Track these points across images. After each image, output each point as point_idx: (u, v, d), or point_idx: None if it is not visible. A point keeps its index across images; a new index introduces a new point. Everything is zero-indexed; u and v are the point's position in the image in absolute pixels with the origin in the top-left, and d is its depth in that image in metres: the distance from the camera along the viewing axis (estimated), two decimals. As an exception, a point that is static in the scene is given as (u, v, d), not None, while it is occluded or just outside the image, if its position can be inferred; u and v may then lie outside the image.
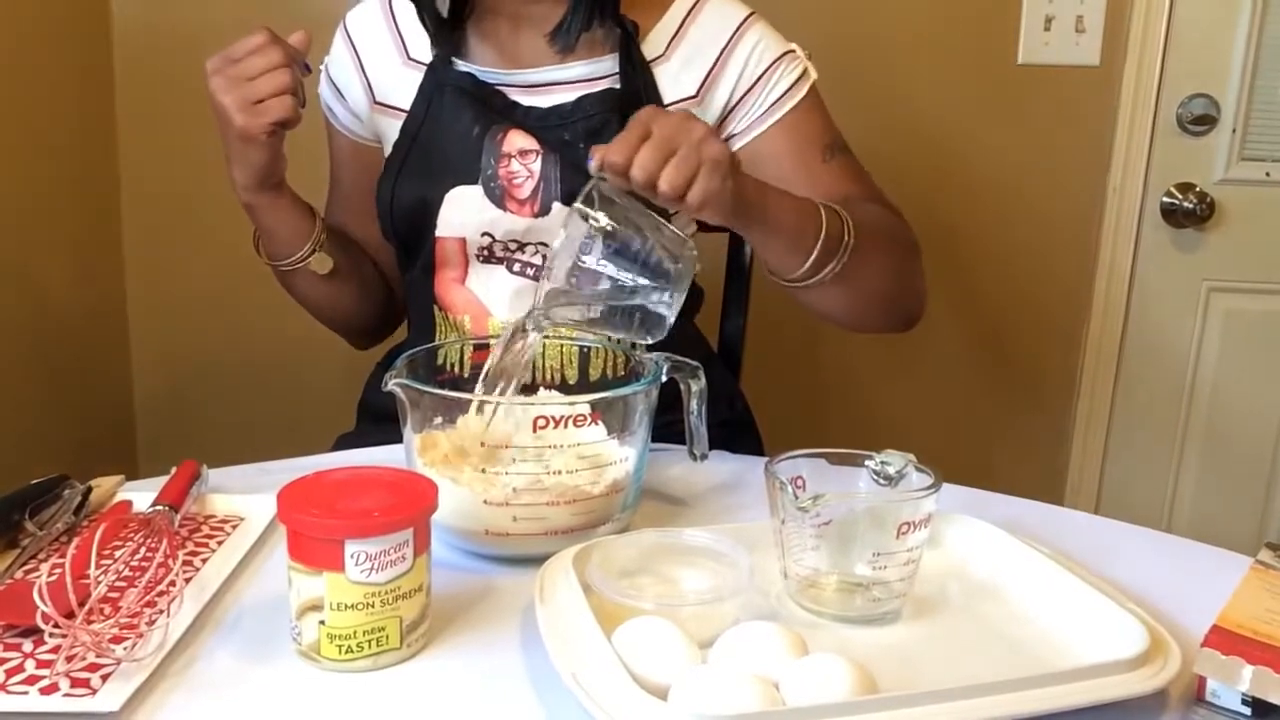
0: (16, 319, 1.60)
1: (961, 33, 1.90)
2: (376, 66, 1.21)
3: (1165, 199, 1.94)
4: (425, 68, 1.18)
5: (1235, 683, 0.69)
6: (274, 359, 1.91)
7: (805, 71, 1.18)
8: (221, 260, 1.91)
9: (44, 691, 0.67)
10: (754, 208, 0.95)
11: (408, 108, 1.17)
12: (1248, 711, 0.69)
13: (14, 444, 1.55)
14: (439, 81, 1.16)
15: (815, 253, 1.00)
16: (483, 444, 0.84)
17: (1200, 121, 1.90)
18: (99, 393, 1.88)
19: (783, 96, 1.16)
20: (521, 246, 1.14)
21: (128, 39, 1.81)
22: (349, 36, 1.23)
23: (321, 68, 1.25)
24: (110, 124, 1.83)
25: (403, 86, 1.19)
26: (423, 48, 1.19)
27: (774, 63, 1.16)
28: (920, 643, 0.76)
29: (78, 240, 1.79)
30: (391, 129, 1.19)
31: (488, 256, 1.15)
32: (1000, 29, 1.90)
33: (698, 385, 0.94)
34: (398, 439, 0.91)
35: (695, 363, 0.94)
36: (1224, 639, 0.70)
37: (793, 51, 1.18)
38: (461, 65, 1.17)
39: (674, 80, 1.16)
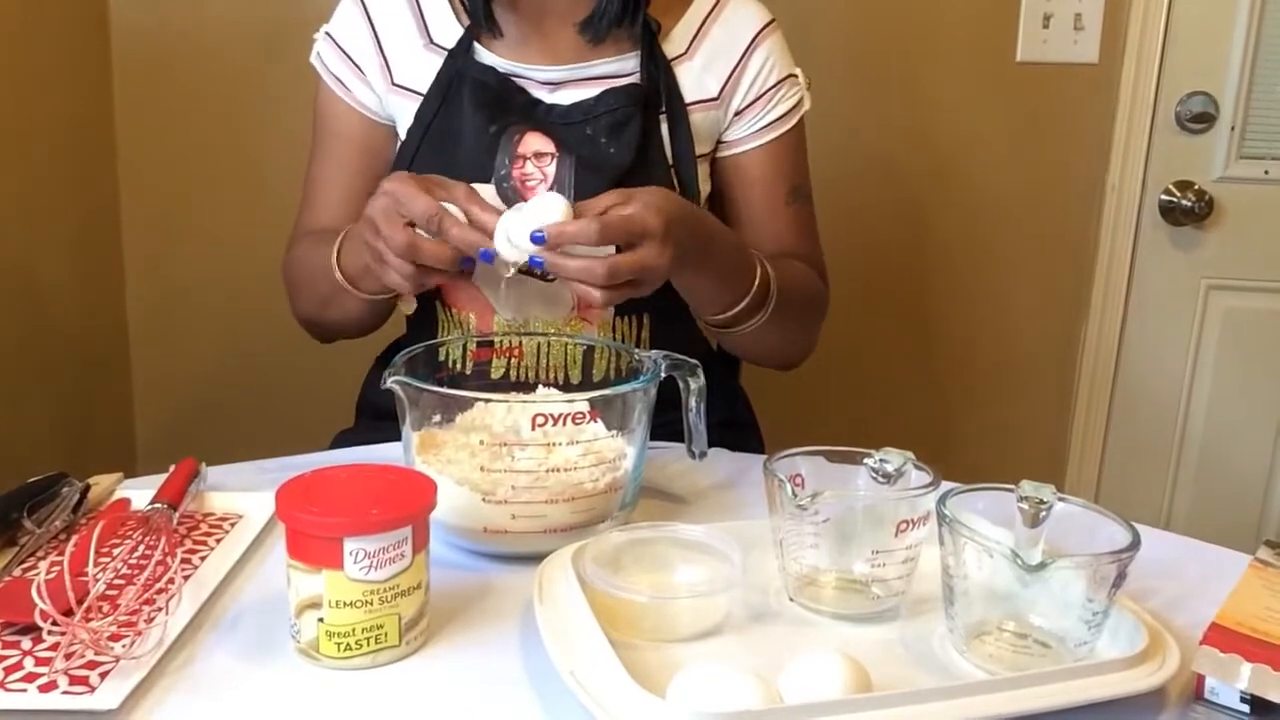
0: (16, 318, 1.60)
1: (960, 30, 1.90)
2: (396, 47, 1.15)
3: (1164, 197, 1.94)
4: (446, 54, 1.13)
5: (1234, 680, 0.69)
6: (272, 356, 1.91)
7: (800, 101, 1.20)
8: (220, 258, 1.92)
9: (43, 689, 0.67)
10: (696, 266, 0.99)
11: (425, 91, 1.14)
12: (1246, 709, 0.69)
13: (13, 442, 1.55)
14: (459, 70, 1.12)
15: (736, 310, 1.05)
16: (481, 442, 0.84)
17: (1199, 119, 1.90)
18: (98, 390, 1.88)
19: (777, 120, 1.18)
20: None
21: (125, 38, 1.81)
22: (366, 11, 1.16)
23: (321, 36, 1.19)
24: (109, 123, 1.83)
25: (423, 71, 1.14)
26: (445, 32, 1.14)
27: (780, 82, 1.18)
28: (919, 641, 0.76)
29: (77, 239, 1.79)
30: (406, 112, 1.14)
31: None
32: (999, 26, 1.90)
33: (696, 383, 0.94)
34: (396, 436, 0.90)
35: (694, 361, 0.93)
36: (1223, 637, 0.70)
37: (795, 76, 1.19)
38: (484, 56, 1.13)
39: (696, 79, 1.16)
